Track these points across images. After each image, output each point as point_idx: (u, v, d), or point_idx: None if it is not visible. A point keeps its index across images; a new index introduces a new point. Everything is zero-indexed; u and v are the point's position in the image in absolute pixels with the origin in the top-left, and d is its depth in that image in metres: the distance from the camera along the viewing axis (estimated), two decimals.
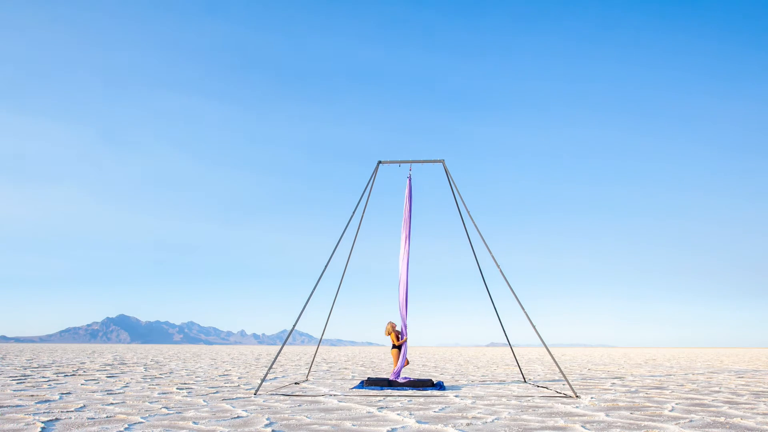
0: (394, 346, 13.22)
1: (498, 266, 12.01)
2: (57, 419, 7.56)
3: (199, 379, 15.72)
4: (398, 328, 13.25)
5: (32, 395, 10.60)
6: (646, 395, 11.22)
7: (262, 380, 11.79)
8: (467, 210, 13.04)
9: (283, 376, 16.82)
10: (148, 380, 14.82)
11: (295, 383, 14.09)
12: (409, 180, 13.40)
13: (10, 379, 14.90)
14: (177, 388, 12.37)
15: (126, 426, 7.01)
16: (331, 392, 11.60)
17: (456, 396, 10.85)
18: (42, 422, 7.26)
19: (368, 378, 13.42)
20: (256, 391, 11.37)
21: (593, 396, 10.94)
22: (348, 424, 7.29)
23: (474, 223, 12.59)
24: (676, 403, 9.71)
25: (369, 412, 8.36)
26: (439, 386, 12.55)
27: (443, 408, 8.92)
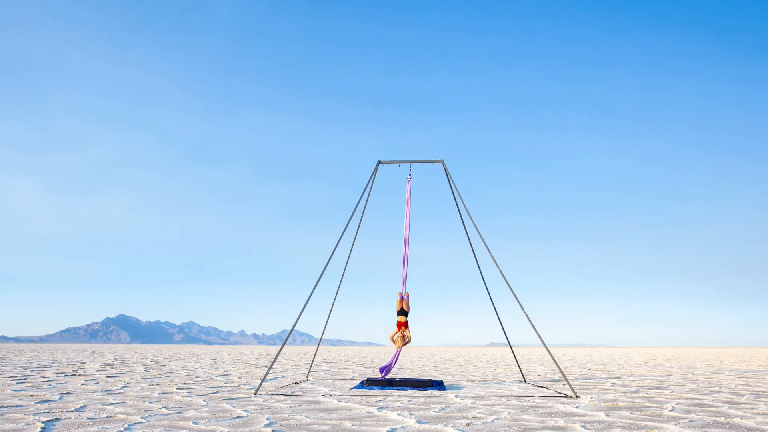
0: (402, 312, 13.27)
1: (498, 266, 12.01)
2: (57, 419, 7.56)
3: (199, 379, 15.72)
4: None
5: (32, 395, 10.59)
6: (646, 395, 11.21)
7: (262, 380, 11.79)
8: (467, 210, 13.04)
9: (283, 376, 16.82)
10: (148, 380, 14.82)
11: (295, 383, 14.09)
12: (409, 181, 13.45)
13: (10, 379, 14.89)
14: (177, 388, 12.36)
15: (126, 426, 7.01)
16: (331, 392, 11.60)
17: (456, 396, 10.85)
18: (42, 422, 7.26)
19: (368, 378, 13.43)
20: (256, 391, 11.37)
21: (593, 396, 10.93)
22: (348, 424, 7.29)
23: (474, 223, 12.59)
24: (676, 403, 9.70)
25: (369, 412, 8.36)
26: (439, 386, 12.55)
27: (443, 408, 8.92)
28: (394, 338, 13.15)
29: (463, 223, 14.03)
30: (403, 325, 13.13)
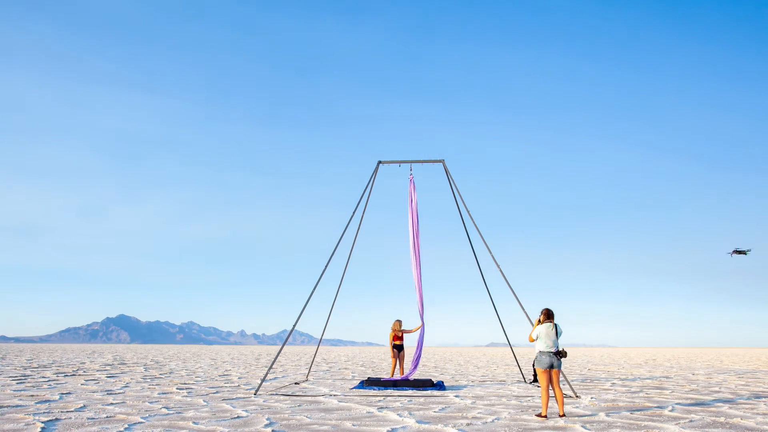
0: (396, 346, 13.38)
1: (498, 266, 12.01)
2: (57, 419, 7.57)
3: (199, 379, 15.73)
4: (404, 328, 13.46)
5: (32, 395, 10.60)
6: (646, 395, 11.22)
7: (262, 380, 11.80)
8: (467, 210, 13.04)
9: (283, 376, 16.83)
10: (148, 380, 14.83)
11: (295, 383, 14.10)
12: (412, 182, 13.36)
13: (10, 379, 14.90)
14: (177, 388, 12.38)
15: (126, 426, 7.02)
16: (331, 392, 11.61)
17: (456, 396, 10.86)
18: (42, 422, 7.27)
19: (368, 378, 13.44)
20: (256, 391, 11.38)
21: (593, 396, 10.94)
22: (348, 424, 7.30)
23: (474, 223, 12.58)
24: (676, 403, 9.71)
25: (369, 412, 8.37)
26: (439, 386, 12.56)
27: (443, 408, 8.93)
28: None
29: (464, 224, 13.99)
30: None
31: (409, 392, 11.43)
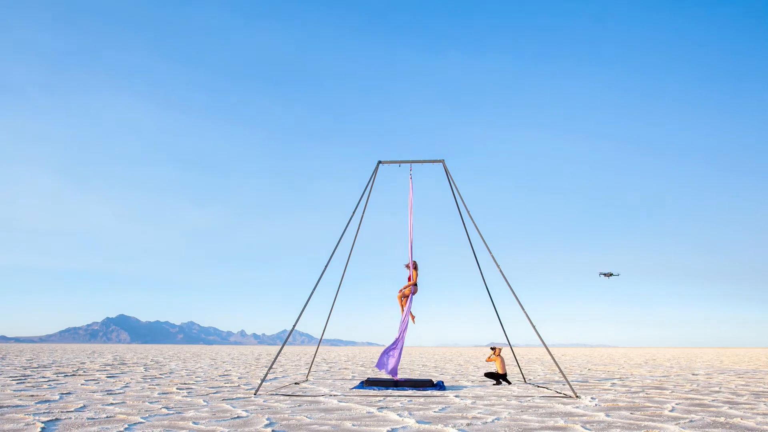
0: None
1: (498, 266, 12.02)
2: (57, 419, 7.56)
3: (199, 379, 15.72)
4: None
5: (32, 395, 10.60)
6: (646, 395, 11.22)
7: (262, 380, 11.79)
8: (467, 210, 13.05)
9: (283, 376, 16.82)
10: (148, 380, 14.82)
11: (295, 383, 14.10)
12: (410, 187, 13.33)
13: (10, 379, 14.90)
14: (177, 388, 12.37)
15: (126, 426, 7.02)
16: (331, 392, 11.61)
17: (456, 396, 10.86)
18: (42, 422, 7.27)
19: (368, 378, 13.44)
20: (256, 391, 11.38)
21: (593, 396, 10.94)
22: (348, 424, 7.30)
23: (474, 223, 12.60)
24: (676, 403, 9.71)
25: (369, 412, 8.36)
26: (439, 386, 12.55)
27: (443, 408, 8.92)
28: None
29: (464, 223, 14.04)
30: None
31: (409, 392, 11.43)
